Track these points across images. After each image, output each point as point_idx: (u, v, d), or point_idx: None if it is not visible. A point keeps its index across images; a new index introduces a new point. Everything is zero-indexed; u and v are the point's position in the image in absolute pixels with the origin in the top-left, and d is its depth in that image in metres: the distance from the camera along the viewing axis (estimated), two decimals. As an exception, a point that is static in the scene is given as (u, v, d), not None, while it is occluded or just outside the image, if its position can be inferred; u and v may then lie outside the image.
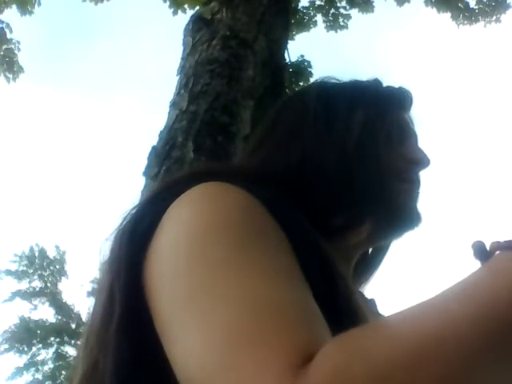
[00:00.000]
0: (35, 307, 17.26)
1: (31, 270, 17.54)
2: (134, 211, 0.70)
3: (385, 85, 0.93)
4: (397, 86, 0.93)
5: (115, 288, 0.64)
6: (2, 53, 6.05)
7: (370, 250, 0.93)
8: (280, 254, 0.59)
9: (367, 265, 0.93)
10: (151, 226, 0.64)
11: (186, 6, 5.36)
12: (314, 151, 0.82)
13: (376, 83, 0.92)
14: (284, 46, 3.95)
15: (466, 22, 6.69)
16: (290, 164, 0.81)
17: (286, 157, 0.82)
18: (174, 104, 3.04)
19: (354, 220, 0.82)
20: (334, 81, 0.93)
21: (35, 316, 17.18)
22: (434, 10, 6.64)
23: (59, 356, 16.58)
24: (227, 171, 0.83)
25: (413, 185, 0.87)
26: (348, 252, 0.84)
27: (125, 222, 0.69)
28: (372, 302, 0.88)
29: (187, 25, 3.58)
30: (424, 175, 0.90)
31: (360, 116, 0.85)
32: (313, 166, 0.81)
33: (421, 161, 0.88)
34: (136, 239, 0.65)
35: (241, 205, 0.63)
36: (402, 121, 0.90)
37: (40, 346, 16.69)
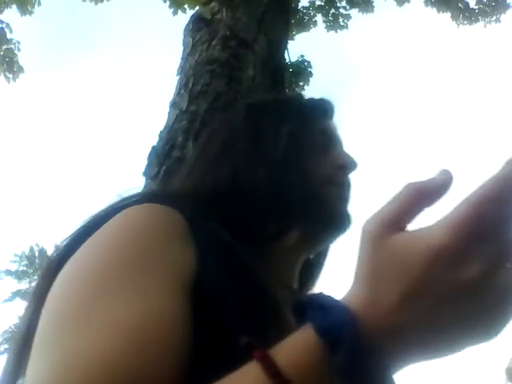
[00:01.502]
0: (35, 307, 17.23)
1: (31, 270, 17.55)
2: (67, 241, 0.70)
3: (307, 97, 0.98)
4: (318, 97, 0.97)
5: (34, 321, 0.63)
6: (1, 53, 6.04)
7: (312, 256, 0.95)
8: (148, 298, 0.56)
9: (310, 269, 0.95)
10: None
11: (186, 6, 5.35)
12: (242, 169, 0.84)
13: (298, 96, 0.98)
14: (284, 46, 3.95)
15: (465, 22, 6.70)
16: (221, 183, 0.83)
17: (215, 177, 0.85)
18: (173, 104, 3.03)
19: (286, 226, 0.84)
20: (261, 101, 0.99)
21: (35, 316, 17.15)
22: (434, 10, 6.66)
23: (59, 356, 16.56)
24: (170, 192, 0.88)
25: (343, 188, 0.90)
26: (289, 259, 0.86)
27: (57, 252, 0.69)
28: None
29: (187, 25, 3.58)
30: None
31: (286, 129, 0.88)
32: (242, 183, 0.83)
33: (348, 165, 0.91)
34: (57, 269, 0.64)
35: (146, 232, 0.63)
36: (327, 129, 0.95)
37: (40, 346, 16.67)
